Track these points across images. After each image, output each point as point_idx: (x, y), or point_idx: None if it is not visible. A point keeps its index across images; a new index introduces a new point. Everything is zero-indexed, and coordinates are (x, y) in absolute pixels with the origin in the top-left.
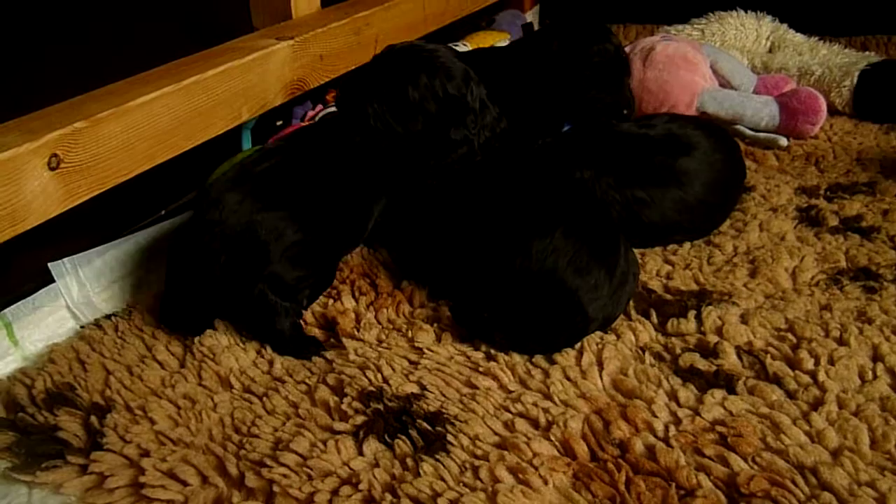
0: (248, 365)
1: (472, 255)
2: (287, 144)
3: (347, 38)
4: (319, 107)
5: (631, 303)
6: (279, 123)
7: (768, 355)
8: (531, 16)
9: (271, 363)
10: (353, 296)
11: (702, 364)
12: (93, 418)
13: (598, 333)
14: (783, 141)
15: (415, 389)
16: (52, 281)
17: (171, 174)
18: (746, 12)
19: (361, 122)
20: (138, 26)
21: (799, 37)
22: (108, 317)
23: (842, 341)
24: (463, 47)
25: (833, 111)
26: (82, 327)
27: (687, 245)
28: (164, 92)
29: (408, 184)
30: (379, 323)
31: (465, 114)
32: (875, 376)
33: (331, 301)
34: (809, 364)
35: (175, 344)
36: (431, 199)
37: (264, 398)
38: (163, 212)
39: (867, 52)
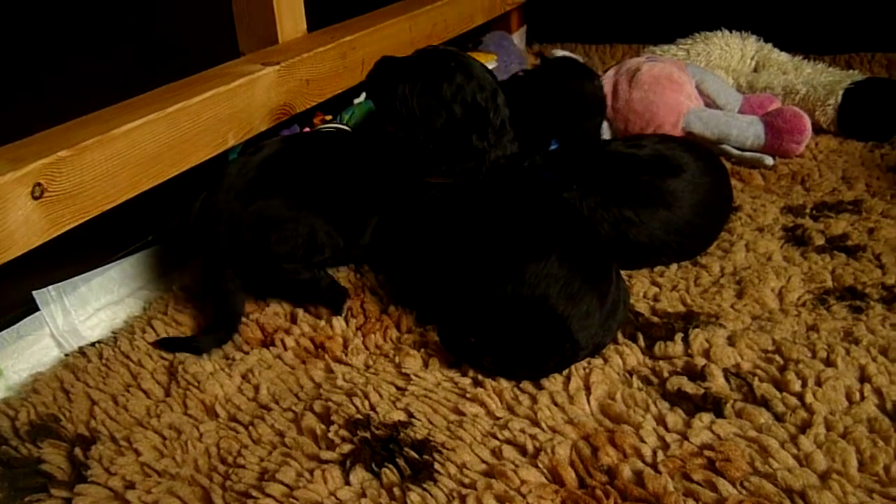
0: (234, 392)
1: (462, 278)
2: (287, 148)
3: (334, 62)
4: (307, 129)
5: None
6: None
7: (756, 377)
8: (518, 37)
9: (257, 389)
10: (344, 318)
11: (689, 387)
12: (77, 450)
13: (586, 358)
14: (769, 160)
15: (402, 417)
16: (37, 309)
17: (157, 199)
18: (731, 32)
19: (388, 101)
20: (125, 51)
21: (783, 56)
22: (92, 344)
23: (829, 362)
24: None
25: (818, 129)
26: (67, 355)
27: (674, 266)
28: (149, 119)
29: (409, 191)
30: (367, 348)
31: (487, 125)
32: (862, 397)
33: (321, 323)
34: (797, 386)
35: (160, 371)
36: (422, 219)
37: (250, 427)
38: (150, 237)
39: (851, 71)
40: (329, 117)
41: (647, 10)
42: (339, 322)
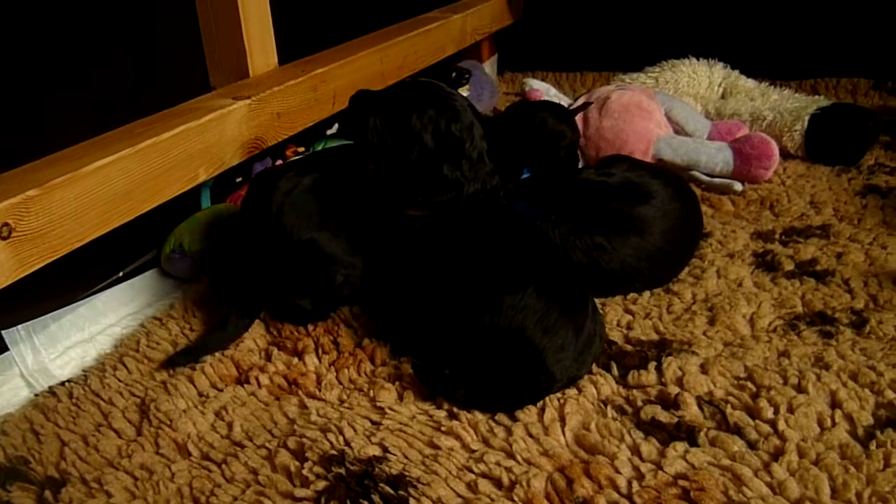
0: (207, 429)
1: (439, 309)
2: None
3: (305, 95)
4: (279, 162)
5: None
6: (239, 180)
7: (728, 405)
8: (489, 65)
9: (231, 426)
10: (317, 354)
11: (663, 416)
12: (47, 493)
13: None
14: (738, 186)
15: (377, 452)
16: (6, 349)
17: (128, 235)
18: (699, 59)
19: (360, 131)
20: (94, 88)
21: (750, 82)
22: (63, 383)
23: (800, 388)
24: None
25: (786, 155)
26: (36, 395)
27: (647, 294)
28: (120, 156)
29: (389, 223)
30: (340, 383)
31: (461, 156)
32: (833, 423)
33: (294, 360)
34: (769, 413)
35: (132, 410)
36: (400, 251)
37: (223, 465)
38: (120, 273)
39: (817, 96)
40: (302, 149)
41: (617, 38)
42: (312, 358)
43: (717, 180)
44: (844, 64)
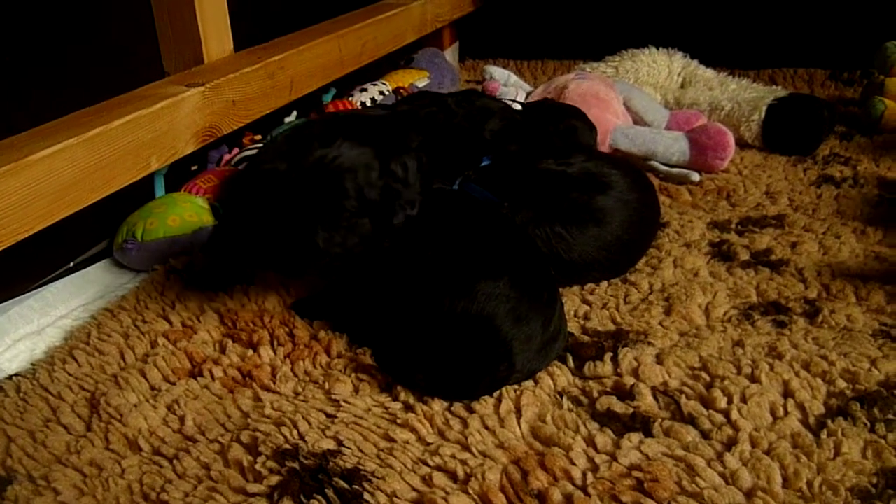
0: (159, 424)
1: (409, 293)
2: None
3: (261, 82)
4: (235, 150)
5: None
6: (194, 168)
7: (683, 395)
8: (450, 54)
9: (183, 420)
10: (272, 346)
11: (619, 407)
12: None
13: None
14: (695, 176)
15: (331, 445)
16: None
17: (80, 224)
18: (658, 49)
19: (311, 250)
20: (41, 73)
21: (709, 72)
22: (10, 377)
23: (753, 378)
24: (382, 86)
25: (743, 144)
26: None
27: (604, 284)
28: (67, 145)
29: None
30: (296, 375)
31: (396, 200)
32: (786, 412)
33: (249, 352)
34: (723, 403)
35: (81, 404)
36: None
37: (174, 460)
38: (71, 264)
39: (774, 87)
40: (259, 137)
41: (578, 27)
42: (267, 350)
43: (674, 171)
44: (802, 54)
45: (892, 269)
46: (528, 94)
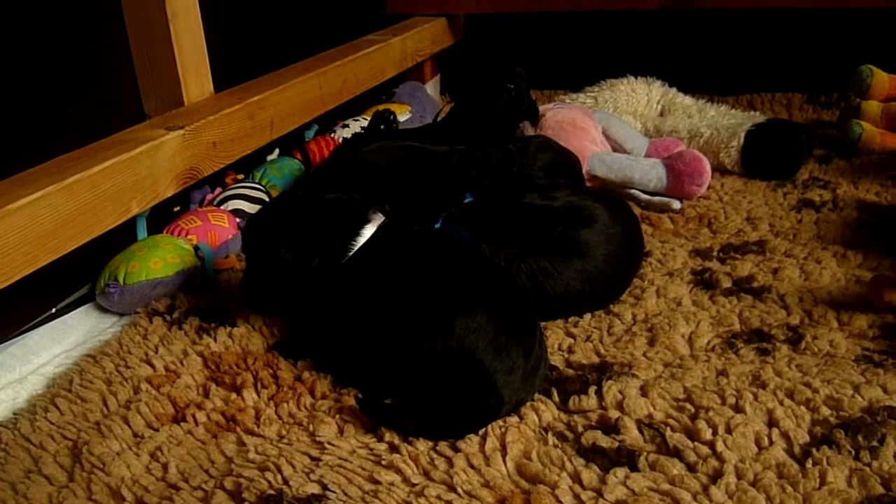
0: (142, 472)
1: (386, 336)
2: None
3: (241, 122)
4: (218, 190)
5: None
6: (176, 209)
7: (668, 427)
8: (431, 86)
9: (166, 467)
10: (256, 389)
11: (604, 441)
12: None
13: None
14: (676, 204)
15: (316, 490)
16: None
17: (61, 269)
18: (637, 78)
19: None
20: (20, 117)
21: (688, 99)
22: None
23: (738, 408)
24: (364, 121)
25: (723, 170)
26: None
27: (588, 316)
28: (47, 192)
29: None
30: (280, 417)
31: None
32: (771, 442)
33: (232, 395)
34: (707, 434)
35: (63, 454)
36: (339, 280)
37: None
38: (53, 310)
39: (752, 112)
40: (241, 176)
41: (556, 58)
42: (250, 393)
43: (655, 199)
44: (779, 79)
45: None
46: None
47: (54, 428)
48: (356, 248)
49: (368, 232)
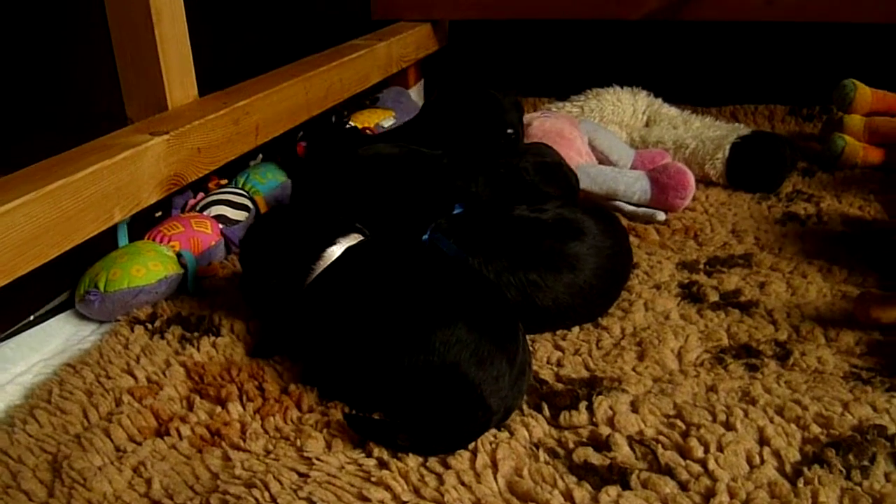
0: (124, 488)
1: (367, 353)
2: None
3: (226, 128)
4: (201, 195)
5: (524, 397)
6: (158, 215)
7: (660, 444)
8: (415, 92)
9: (149, 483)
10: (241, 402)
11: (596, 458)
12: None
13: (493, 431)
14: (661, 216)
15: None
16: None
17: (39, 275)
18: (623, 88)
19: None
20: (2, 119)
21: (673, 110)
22: None
23: (728, 425)
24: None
25: (708, 182)
26: None
27: (576, 329)
28: (26, 199)
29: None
30: (266, 432)
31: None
32: (762, 461)
33: (217, 409)
34: (699, 452)
35: (43, 468)
36: (310, 298)
37: None
38: (31, 317)
39: (737, 124)
40: (224, 181)
41: (540, 65)
42: (236, 406)
43: (640, 210)
44: (762, 91)
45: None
46: None
47: (33, 441)
48: (321, 269)
49: (337, 251)
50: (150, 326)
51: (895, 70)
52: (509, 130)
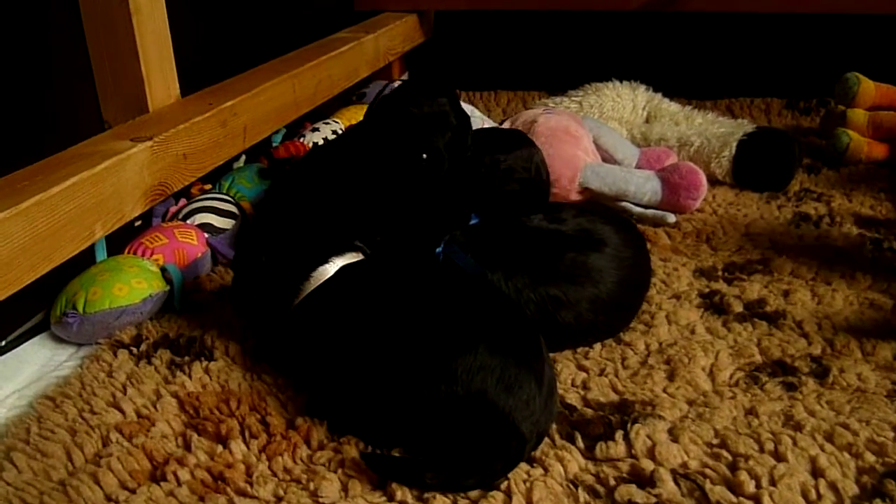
0: None
1: (384, 384)
2: None
3: (213, 131)
4: (183, 201)
5: (553, 425)
6: (138, 224)
7: (707, 480)
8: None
9: None
10: (244, 439)
11: (640, 497)
12: None
13: (525, 468)
14: (671, 218)
15: None
16: None
17: (10, 296)
18: (622, 82)
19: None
20: None
21: (674, 106)
22: None
23: (778, 455)
24: (335, 124)
25: (714, 181)
26: None
27: (598, 346)
28: (1, 218)
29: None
30: (274, 474)
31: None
32: (819, 495)
33: (218, 448)
34: (751, 487)
35: None
36: (311, 315)
37: None
38: (2, 342)
39: (741, 120)
40: (208, 186)
41: (529, 57)
42: (238, 444)
43: (649, 212)
44: (758, 84)
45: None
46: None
47: (11, 490)
48: (312, 289)
49: (330, 270)
50: (135, 351)
51: (892, 62)
52: (424, 155)
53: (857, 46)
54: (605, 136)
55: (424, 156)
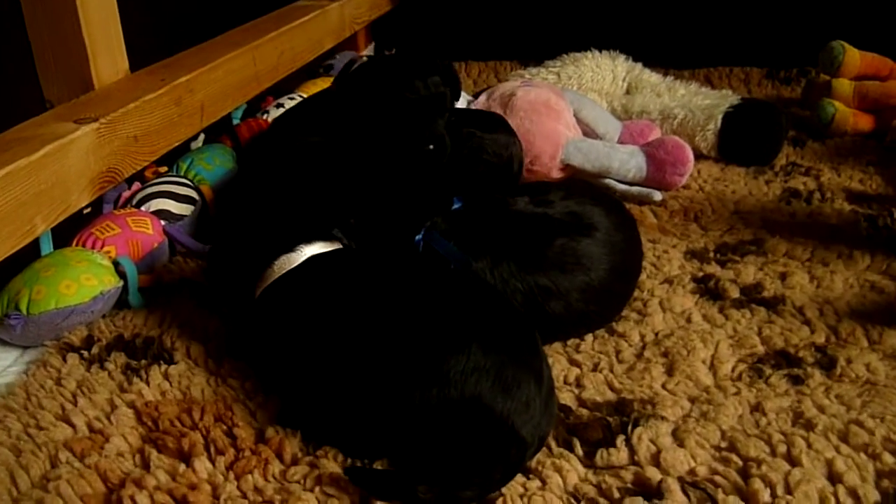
0: None
1: (367, 389)
2: None
3: (167, 110)
4: (136, 185)
5: None
6: (87, 211)
7: (719, 489)
8: (367, 54)
9: None
10: (209, 455)
11: None
12: None
13: (521, 480)
14: (657, 196)
15: None
16: None
17: None
18: (601, 52)
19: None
20: None
21: (655, 77)
22: None
23: (791, 459)
24: (299, 99)
25: (699, 155)
26: None
27: (589, 338)
28: None
29: None
30: (244, 495)
31: None
32: (838, 503)
33: (180, 467)
34: (766, 495)
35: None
36: (276, 306)
37: None
38: None
39: (725, 91)
40: (164, 169)
41: (498, 26)
42: (203, 462)
43: (634, 189)
44: (737, 53)
45: (894, 301)
46: (469, 102)
47: None
48: (275, 279)
49: (296, 259)
50: (86, 354)
51: (875, 31)
52: (430, 146)
53: (838, 14)
54: (586, 109)
55: (431, 147)
